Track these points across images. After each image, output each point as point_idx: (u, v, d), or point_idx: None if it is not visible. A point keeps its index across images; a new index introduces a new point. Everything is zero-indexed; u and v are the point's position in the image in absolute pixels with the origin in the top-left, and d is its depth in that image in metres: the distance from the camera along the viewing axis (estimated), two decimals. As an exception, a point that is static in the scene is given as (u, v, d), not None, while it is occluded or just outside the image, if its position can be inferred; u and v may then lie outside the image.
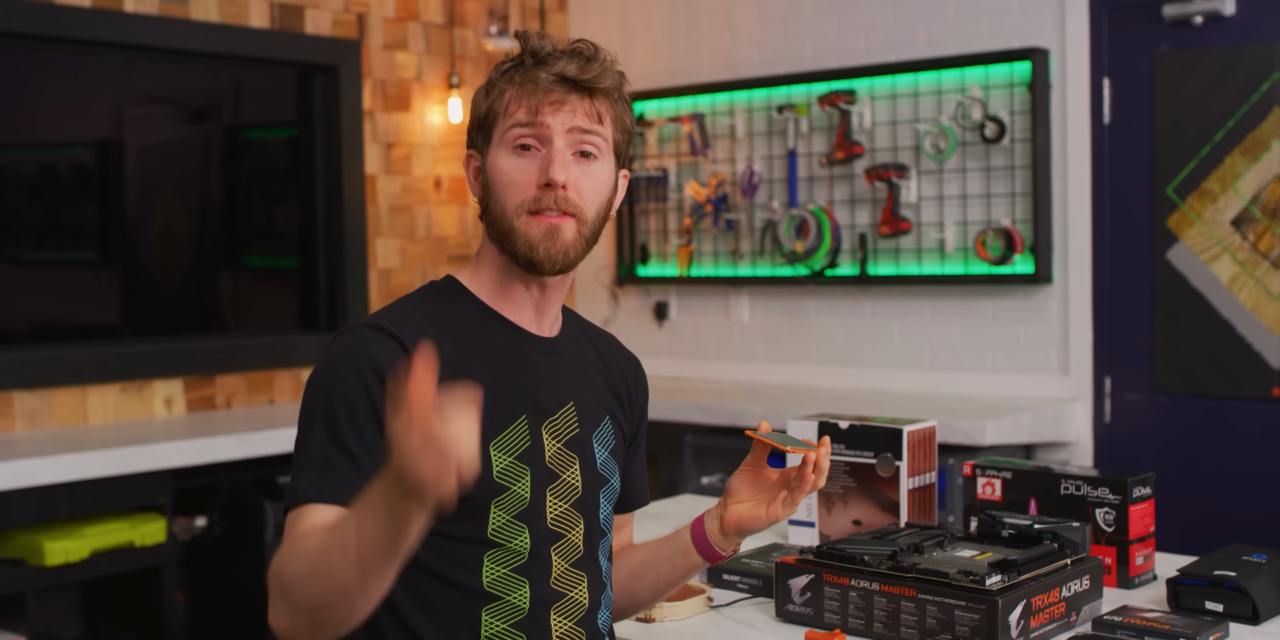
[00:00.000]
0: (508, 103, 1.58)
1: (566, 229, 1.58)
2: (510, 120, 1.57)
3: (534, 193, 1.56)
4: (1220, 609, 1.83)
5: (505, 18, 4.75)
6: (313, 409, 1.51)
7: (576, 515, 1.61)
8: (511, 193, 1.57)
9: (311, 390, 1.53)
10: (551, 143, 1.56)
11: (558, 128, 1.56)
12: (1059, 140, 3.86)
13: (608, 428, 1.69)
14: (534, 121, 1.56)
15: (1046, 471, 2.09)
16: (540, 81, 1.56)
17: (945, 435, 3.41)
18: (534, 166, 1.57)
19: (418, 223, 4.56)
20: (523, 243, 1.57)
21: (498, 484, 1.54)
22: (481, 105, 1.61)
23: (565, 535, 1.60)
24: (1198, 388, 3.66)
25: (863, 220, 4.21)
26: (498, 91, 1.60)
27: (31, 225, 3.76)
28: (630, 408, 1.76)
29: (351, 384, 1.49)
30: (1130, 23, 3.75)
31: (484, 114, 1.61)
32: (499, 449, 1.54)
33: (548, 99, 1.56)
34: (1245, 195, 3.56)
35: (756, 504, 1.66)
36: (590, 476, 1.63)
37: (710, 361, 4.66)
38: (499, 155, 1.58)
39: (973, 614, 1.68)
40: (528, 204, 1.56)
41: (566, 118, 1.57)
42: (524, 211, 1.56)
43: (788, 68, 4.42)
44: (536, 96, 1.56)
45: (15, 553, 3.21)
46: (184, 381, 3.95)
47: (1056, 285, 3.89)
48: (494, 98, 1.60)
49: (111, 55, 3.85)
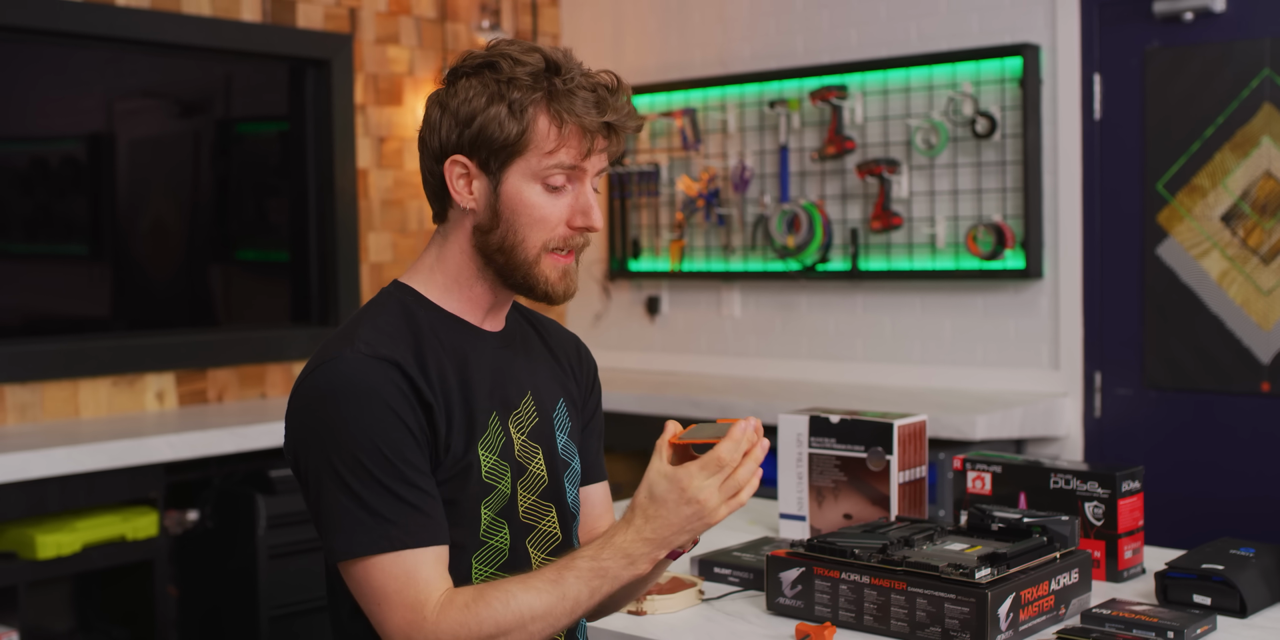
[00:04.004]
0: (547, 137, 1.51)
1: (575, 263, 1.59)
2: (552, 160, 1.51)
3: (563, 232, 1.54)
4: (1208, 602, 1.84)
5: (497, 12, 4.75)
6: (352, 454, 1.45)
7: (547, 505, 1.62)
8: (540, 229, 1.53)
9: (335, 436, 1.46)
10: (583, 183, 1.54)
11: (592, 170, 1.55)
12: (1050, 136, 3.87)
13: (564, 411, 1.68)
14: (577, 166, 1.53)
15: (1036, 466, 2.10)
16: (586, 124, 1.51)
17: (936, 429, 3.42)
18: (563, 205, 1.54)
19: (409, 217, 4.56)
20: (542, 281, 1.55)
21: (486, 484, 1.54)
22: (509, 127, 1.50)
23: (536, 526, 1.60)
24: (1187, 383, 3.67)
25: (854, 215, 4.22)
26: (530, 118, 1.50)
27: (22, 218, 3.76)
28: (579, 385, 1.75)
29: (390, 422, 1.46)
30: (1121, 18, 3.76)
31: (511, 138, 1.51)
32: (485, 449, 1.55)
33: (596, 146, 1.53)
34: (1235, 191, 3.57)
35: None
36: (553, 464, 1.63)
37: (702, 356, 4.66)
38: (526, 188, 1.53)
39: (962, 607, 1.69)
40: (554, 242, 1.54)
41: (599, 161, 1.55)
42: (548, 250, 1.54)
43: (779, 63, 4.43)
44: (588, 141, 1.52)
45: (7, 546, 3.21)
46: (175, 375, 3.95)
47: (1047, 280, 3.90)
48: (526, 124, 1.50)
49: (103, 48, 3.84)
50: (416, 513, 1.45)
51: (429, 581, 1.44)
